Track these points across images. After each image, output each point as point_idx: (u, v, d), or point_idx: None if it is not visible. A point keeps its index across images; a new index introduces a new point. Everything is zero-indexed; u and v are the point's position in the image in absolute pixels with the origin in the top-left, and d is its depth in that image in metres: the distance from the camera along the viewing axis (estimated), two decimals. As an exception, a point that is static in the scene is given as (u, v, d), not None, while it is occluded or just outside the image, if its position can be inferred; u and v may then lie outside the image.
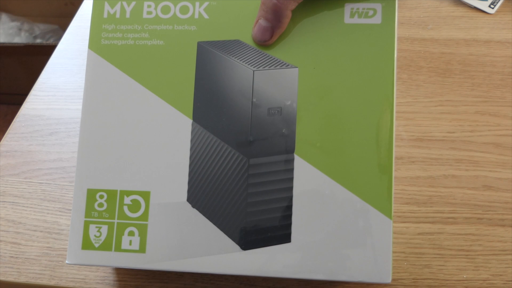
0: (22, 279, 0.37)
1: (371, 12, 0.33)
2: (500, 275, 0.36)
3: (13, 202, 0.41)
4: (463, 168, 0.42)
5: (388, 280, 0.31)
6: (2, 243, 0.39)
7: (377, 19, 0.33)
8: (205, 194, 0.34)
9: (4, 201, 0.41)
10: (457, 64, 0.49)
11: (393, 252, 0.37)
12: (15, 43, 1.17)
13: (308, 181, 0.32)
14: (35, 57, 1.18)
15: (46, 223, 0.40)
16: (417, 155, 0.43)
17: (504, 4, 0.55)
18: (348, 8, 0.33)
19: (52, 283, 0.36)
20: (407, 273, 0.36)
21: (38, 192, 0.42)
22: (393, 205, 0.32)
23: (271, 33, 0.33)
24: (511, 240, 0.38)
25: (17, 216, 0.40)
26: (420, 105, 0.46)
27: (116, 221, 0.33)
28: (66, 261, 0.33)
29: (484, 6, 0.55)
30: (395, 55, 0.32)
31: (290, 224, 0.32)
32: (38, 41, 1.21)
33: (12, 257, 0.38)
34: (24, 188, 0.42)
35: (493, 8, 0.54)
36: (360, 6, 0.33)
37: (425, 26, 0.53)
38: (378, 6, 0.33)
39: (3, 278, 0.37)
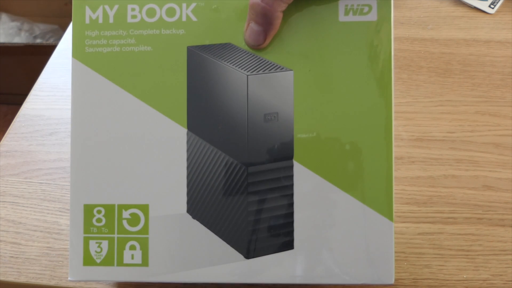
0: (22, 279, 0.37)
1: (366, 9, 0.32)
2: (500, 275, 0.36)
3: (13, 202, 0.41)
4: (463, 168, 0.42)
5: (391, 281, 0.31)
6: (2, 243, 0.39)
7: (372, 16, 0.32)
8: (205, 205, 0.33)
9: (4, 201, 0.41)
10: (457, 64, 0.49)
11: (394, 252, 0.37)
12: (15, 43, 1.17)
13: (308, 186, 0.32)
14: (35, 57, 1.18)
15: (46, 223, 0.40)
16: (417, 155, 0.43)
17: (504, 4, 0.55)
18: (342, 5, 0.32)
19: (52, 283, 0.36)
20: (407, 273, 0.36)
21: (38, 192, 0.42)
22: (394, 207, 0.32)
23: (264, 36, 0.31)
24: (511, 240, 0.38)
25: (17, 216, 0.40)
26: (420, 105, 0.46)
27: (116, 235, 0.33)
28: (69, 278, 0.33)
29: (484, 6, 0.55)
30: (392, 54, 0.32)
31: (292, 231, 0.32)
32: (38, 41, 1.21)
33: (12, 257, 0.38)
34: (24, 188, 0.42)
35: (493, 8, 0.54)
36: (355, 2, 0.32)
37: (425, 26, 0.53)
38: (373, 2, 0.32)
39: (3, 278, 0.37)
